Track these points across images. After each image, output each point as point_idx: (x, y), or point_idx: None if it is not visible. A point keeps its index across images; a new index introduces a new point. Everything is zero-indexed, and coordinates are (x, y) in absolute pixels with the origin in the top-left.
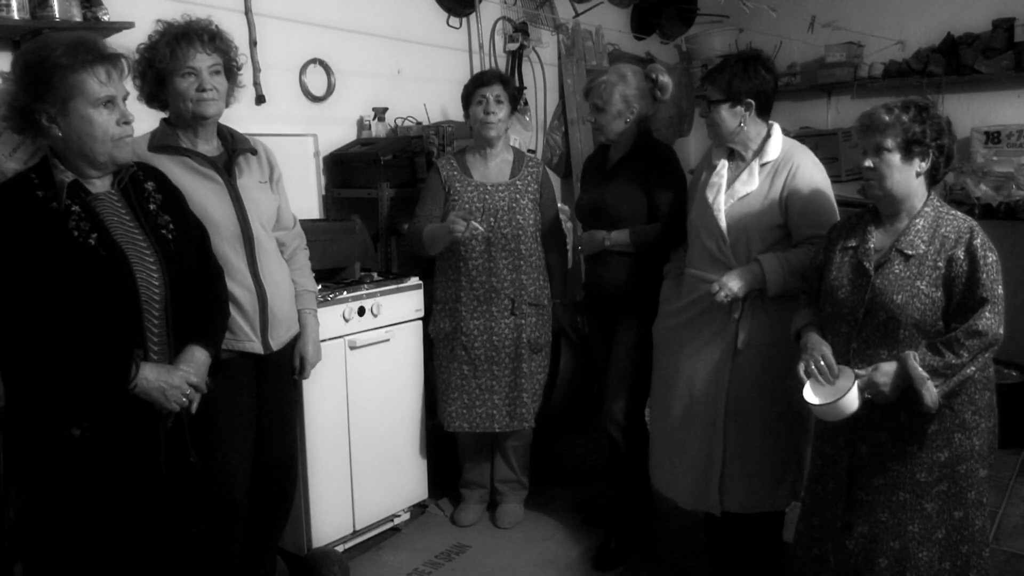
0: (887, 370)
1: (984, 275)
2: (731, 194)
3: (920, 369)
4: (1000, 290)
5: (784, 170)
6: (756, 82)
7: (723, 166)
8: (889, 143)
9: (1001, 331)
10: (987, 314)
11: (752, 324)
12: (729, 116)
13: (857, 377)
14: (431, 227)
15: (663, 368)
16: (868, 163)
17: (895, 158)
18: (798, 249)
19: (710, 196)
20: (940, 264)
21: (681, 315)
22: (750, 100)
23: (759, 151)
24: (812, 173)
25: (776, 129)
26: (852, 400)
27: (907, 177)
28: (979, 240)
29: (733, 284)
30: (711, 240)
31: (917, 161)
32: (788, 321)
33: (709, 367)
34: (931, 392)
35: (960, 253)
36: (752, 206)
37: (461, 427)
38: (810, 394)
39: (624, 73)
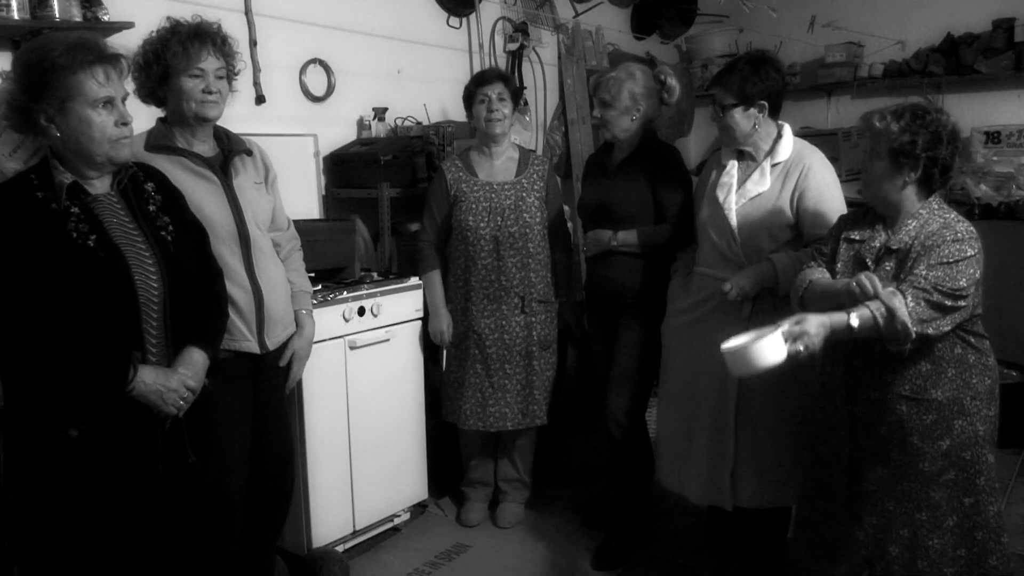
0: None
1: (925, 265)
2: (742, 194)
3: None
4: (952, 285)
5: (796, 171)
6: (768, 83)
7: (733, 166)
8: (878, 150)
9: (915, 330)
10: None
11: (763, 323)
12: (743, 119)
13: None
14: (430, 277)
15: (672, 366)
16: (865, 165)
17: (881, 165)
18: (809, 249)
19: (721, 196)
20: (912, 256)
21: (691, 313)
22: (763, 102)
23: (770, 151)
24: (823, 175)
25: (787, 130)
26: (766, 345)
27: (894, 186)
28: (951, 236)
29: (745, 282)
30: (722, 239)
31: (907, 171)
32: None
33: (720, 365)
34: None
35: (929, 242)
36: (763, 206)
37: (476, 425)
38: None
39: (633, 71)
